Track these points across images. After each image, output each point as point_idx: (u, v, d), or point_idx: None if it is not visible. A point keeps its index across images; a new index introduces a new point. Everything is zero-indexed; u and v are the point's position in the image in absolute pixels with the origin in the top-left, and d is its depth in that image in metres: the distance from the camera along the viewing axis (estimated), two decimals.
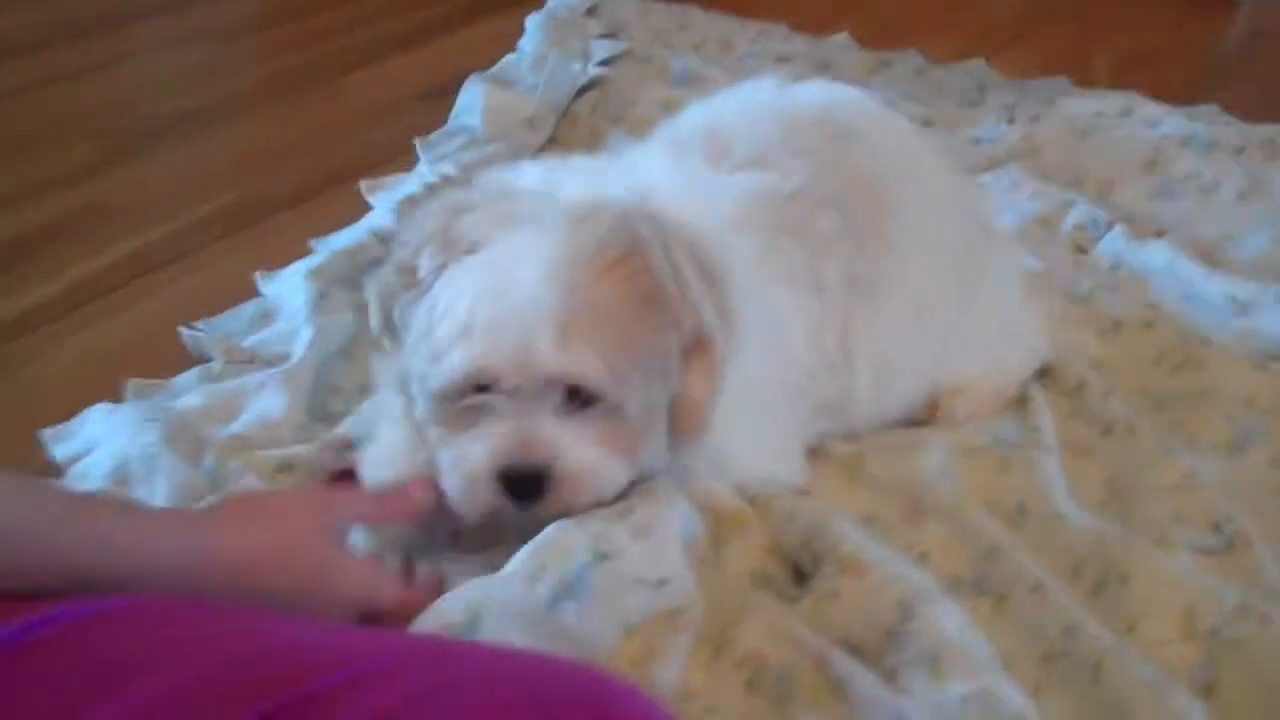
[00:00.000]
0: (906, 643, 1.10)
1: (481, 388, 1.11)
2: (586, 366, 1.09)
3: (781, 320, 1.30)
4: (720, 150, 1.35)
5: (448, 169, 2.02)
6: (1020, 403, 1.50)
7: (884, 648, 1.11)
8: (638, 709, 0.80)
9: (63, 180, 2.14)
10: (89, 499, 1.19)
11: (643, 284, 1.11)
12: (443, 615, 1.06)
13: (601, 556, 1.11)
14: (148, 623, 0.86)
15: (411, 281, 1.16)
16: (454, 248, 1.14)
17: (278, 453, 1.40)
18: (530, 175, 1.28)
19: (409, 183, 2.01)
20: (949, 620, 1.11)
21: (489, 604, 1.07)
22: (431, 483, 1.17)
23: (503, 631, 1.06)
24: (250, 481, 1.35)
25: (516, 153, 2.11)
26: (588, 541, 1.11)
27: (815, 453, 1.37)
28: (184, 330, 1.67)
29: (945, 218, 1.45)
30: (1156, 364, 1.60)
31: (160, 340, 1.68)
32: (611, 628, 1.09)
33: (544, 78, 2.33)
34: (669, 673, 1.07)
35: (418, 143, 2.19)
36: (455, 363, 1.10)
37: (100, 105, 2.48)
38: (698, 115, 1.44)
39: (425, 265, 1.15)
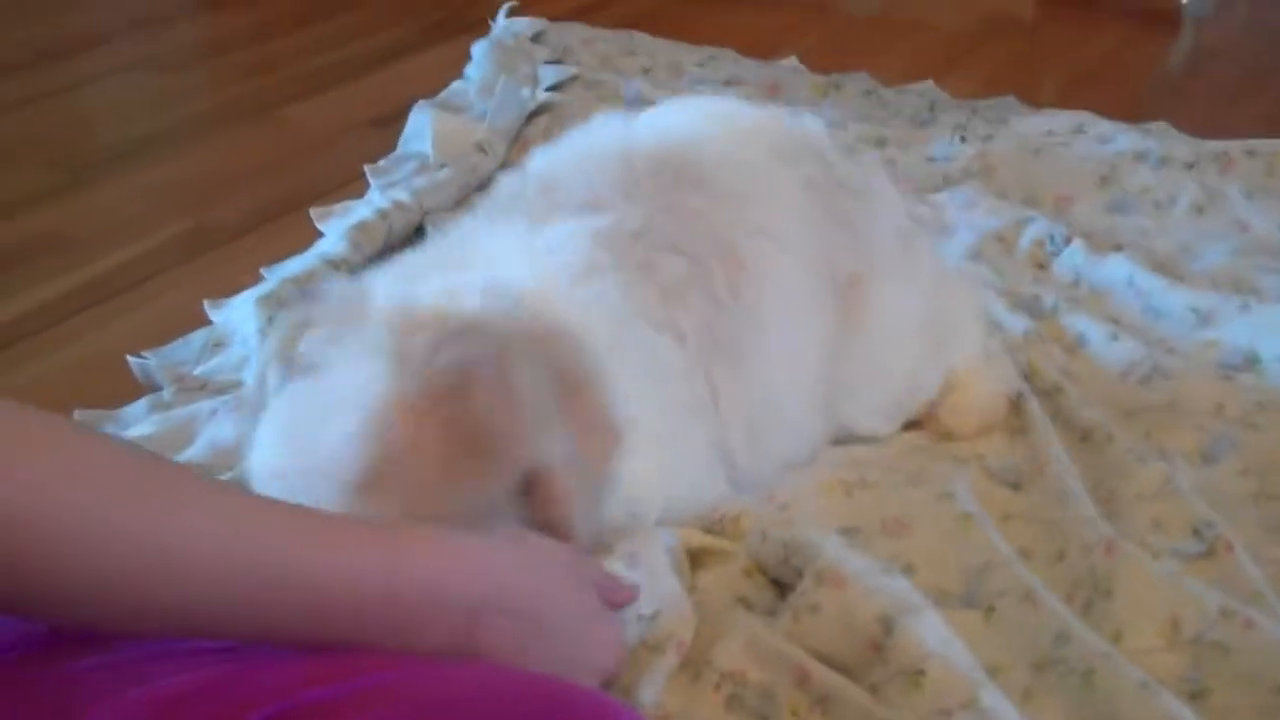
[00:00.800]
0: (889, 657, 1.08)
1: None
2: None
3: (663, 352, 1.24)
4: (553, 200, 1.28)
5: (400, 195, 2.00)
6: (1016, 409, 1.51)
7: (868, 662, 1.10)
8: None
9: (12, 208, 2.11)
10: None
11: (467, 425, 0.99)
12: None
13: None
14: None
15: (263, 399, 1.08)
16: (293, 367, 1.05)
17: (224, 479, 1.35)
18: (382, 284, 1.14)
19: (360, 209, 1.99)
20: (931, 632, 1.09)
21: None
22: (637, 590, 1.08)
23: None
24: None
25: (466, 177, 2.11)
26: None
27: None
28: (132, 360, 1.64)
29: (807, 260, 1.34)
30: (1123, 376, 1.59)
31: (110, 371, 1.65)
32: None
33: (493, 103, 2.32)
34: (648, 695, 1.06)
35: (368, 169, 2.17)
36: None
37: (50, 133, 2.45)
38: (539, 163, 1.36)
39: (270, 383, 1.07)
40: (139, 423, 1.53)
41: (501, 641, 0.85)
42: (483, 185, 2.07)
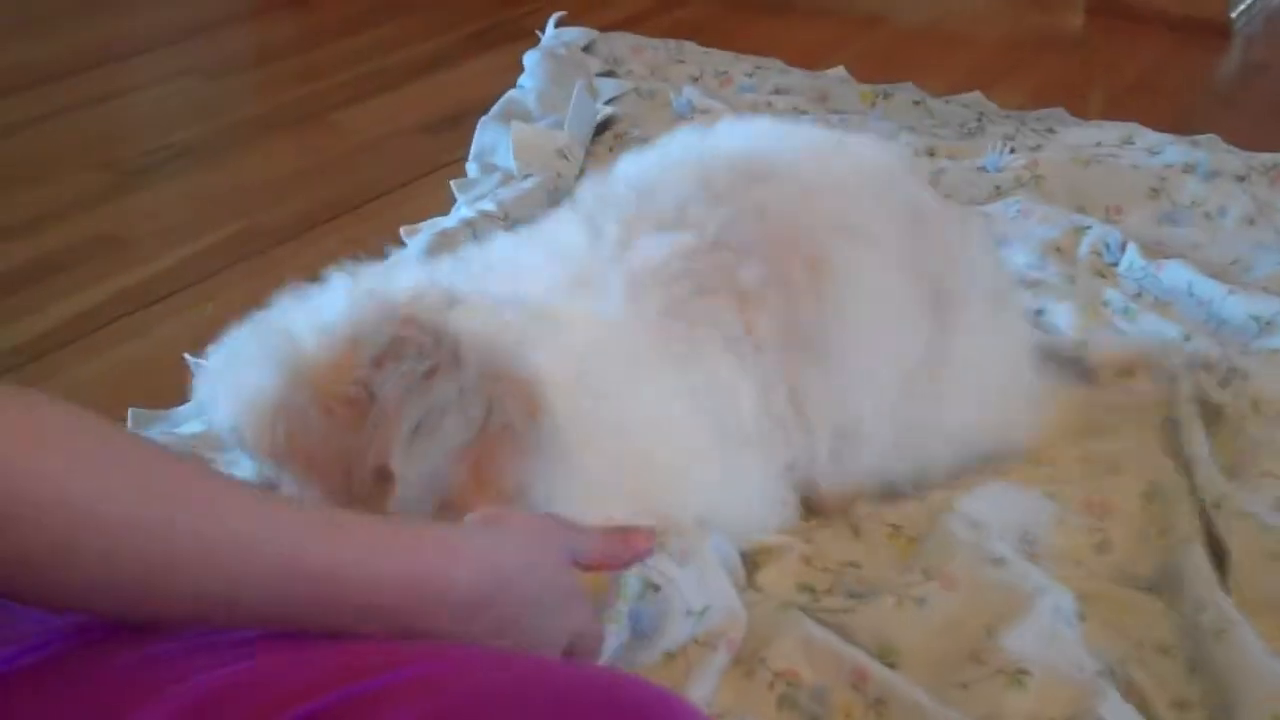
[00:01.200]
0: (987, 659, 1.09)
1: None
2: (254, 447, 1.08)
3: (719, 386, 1.24)
4: (642, 209, 1.30)
5: (486, 205, 2.01)
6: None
7: (963, 661, 1.10)
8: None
9: (66, 211, 2.13)
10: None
11: (353, 399, 1.06)
12: None
13: (651, 587, 1.10)
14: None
15: None
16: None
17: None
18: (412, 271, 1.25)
19: (446, 222, 1.99)
20: (1038, 636, 1.11)
21: None
22: (653, 534, 1.05)
23: None
24: None
25: (551, 186, 2.10)
26: (636, 571, 1.10)
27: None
28: (191, 359, 1.65)
29: (891, 263, 1.33)
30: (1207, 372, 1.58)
31: (163, 371, 1.66)
32: (651, 655, 1.09)
33: (569, 113, 2.31)
34: (700, 692, 1.06)
35: (454, 185, 2.18)
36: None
37: (102, 138, 2.47)
38: (628, 169, 1.38)
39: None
40: (190, 421, 1.54)
41: (483, 629, 0.85)
42: (566, 192, 2.07)
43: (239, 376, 1.09)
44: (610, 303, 1.22)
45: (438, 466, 1.06)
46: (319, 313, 1.11)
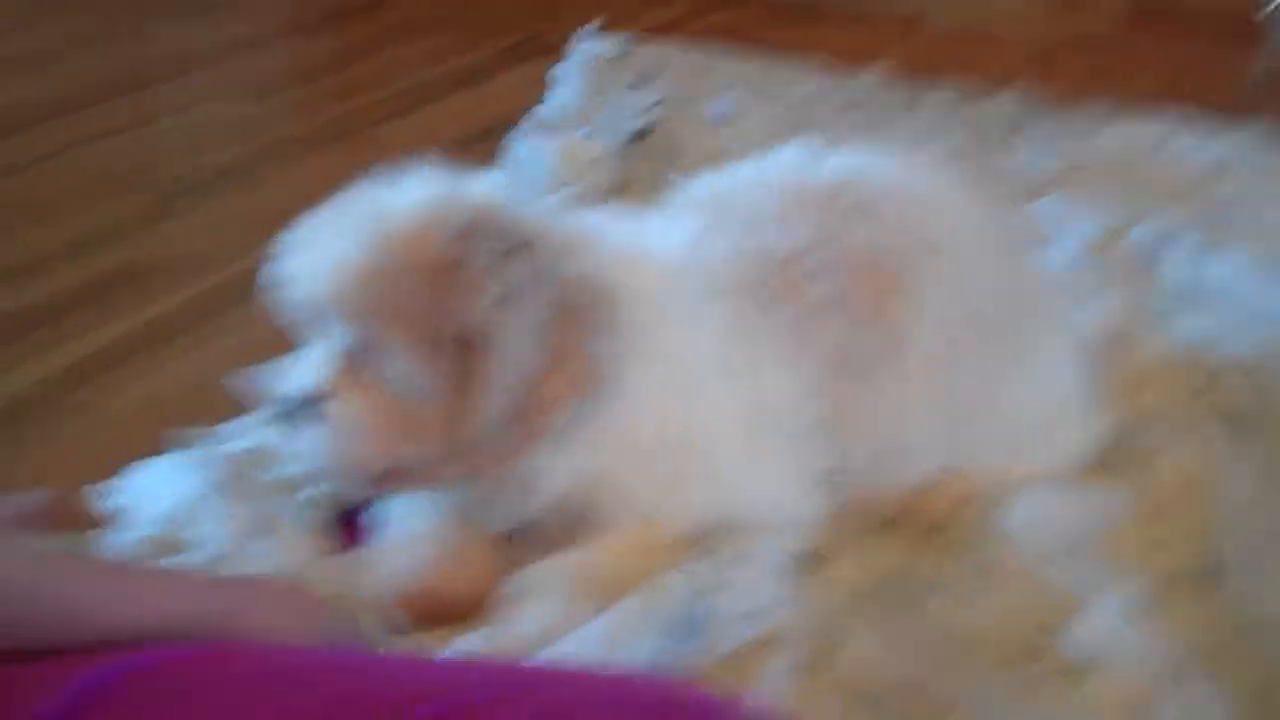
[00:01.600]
0: (1046, 655, 1.08)
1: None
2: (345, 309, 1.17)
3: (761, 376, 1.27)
4: (726, 215, 1.34)
5: None
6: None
7: (1023, 656, 1.10)
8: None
9: (109, 235, 2.13)
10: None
11: (441, 263, 1.14)
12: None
13: (700, 595, 1.10)
14: (219, 663, 0.84)
15: None
16: None
17: (320, 489, 1.39)
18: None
19: None
20: (1099, 632, 1.10)
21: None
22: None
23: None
24: (303, 519, 1.35)
25: (589, 196, 2.10)
26: (684, 578, 1.10)
27: None
28: (231, 380, 1.66)
29: (969, 299, 1.35)
30: (1251, 372, 1.57)
31: (209, 391, 1.66)
32: (704, 660, 1.09)
33: (603, 122, 2.31)
34: (762, 692, 1.06)
35: None
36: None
37: (142, 162, 2.47)
38: (716, 182, 1.41)
39: None
40: (239, 438, 1.54)
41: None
42: (602, 202, 2.07)
43: (326, 247, 1.18)
44: (682, 278, 1.27)
45: (521, 339, 1.14)
46: (400, 194, 1.21)
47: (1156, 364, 1.57)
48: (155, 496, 1.40)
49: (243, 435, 1.55)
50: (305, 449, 1.21)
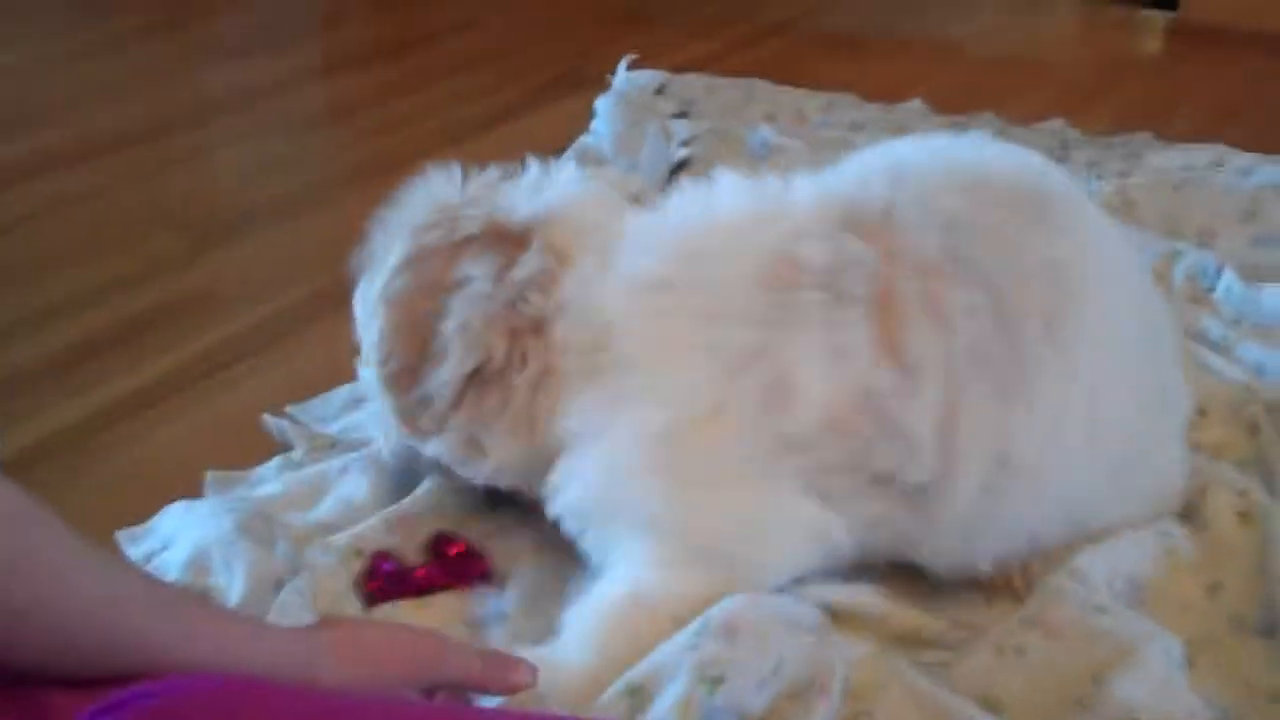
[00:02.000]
0: (1096, 708, 1.04)
1: None
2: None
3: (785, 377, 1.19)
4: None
5: None
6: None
7: (1070, 710, 1.06)
8: None
9: (149, 273, 2.13)
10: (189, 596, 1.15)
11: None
12: None
13: (713, 683, 1.05)
14: (254, 701, 0.82)
15: None
16: None
17: (344, 536, 1.38)
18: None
19: None
20: (1146, 686, 1.06)
21: None
22: (535, 671, 1.07)
23: None
24: (328, 565, 1.33)
25: None
26: (692, 665, 1.07)
27: None
28: (267, 418, 1.64)
29: (1129, 323, 1.26)
30: None
31: (244, 431, 1.65)
32: None
33: (643, 156, 2.29)
34: None
35: None
36: None
37: (183, 199, 2.47)
38: (888, 155, 1.34)
39: None
40: (269, 482, 1.53)
41: None
42: None
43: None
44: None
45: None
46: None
47: (1211, 397, 1.53)
48: (181, 542, 1.39)
49: (275, 478, 1.54)
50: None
